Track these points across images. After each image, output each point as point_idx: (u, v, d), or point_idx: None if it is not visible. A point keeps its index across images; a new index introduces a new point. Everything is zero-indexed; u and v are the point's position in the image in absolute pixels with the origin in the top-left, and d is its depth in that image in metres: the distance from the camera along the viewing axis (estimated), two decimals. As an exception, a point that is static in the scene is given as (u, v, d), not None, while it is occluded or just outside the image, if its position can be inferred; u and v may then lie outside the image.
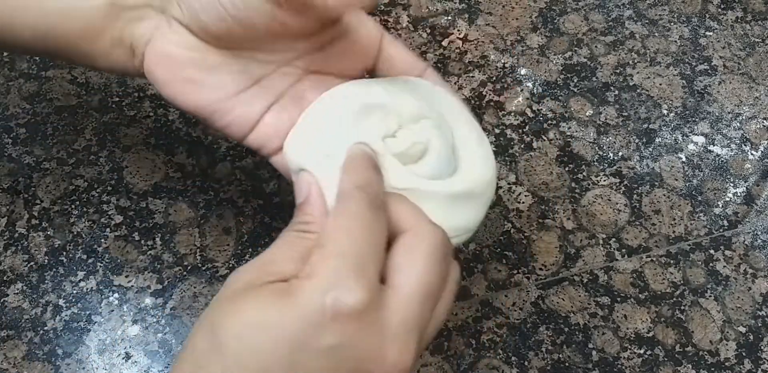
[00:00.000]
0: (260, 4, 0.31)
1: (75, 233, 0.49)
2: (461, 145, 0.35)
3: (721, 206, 0.53)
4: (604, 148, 0.54)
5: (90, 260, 0.48)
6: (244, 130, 0.35)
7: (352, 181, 0.30)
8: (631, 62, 0.58)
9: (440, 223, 0.31)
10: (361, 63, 0.36)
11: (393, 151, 0.32)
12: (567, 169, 0.53)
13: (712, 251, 0.51)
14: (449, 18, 0.60)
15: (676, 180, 0.53)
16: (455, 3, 0.60)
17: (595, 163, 0.54)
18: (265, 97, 0.35)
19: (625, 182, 0.53)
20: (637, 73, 0.58)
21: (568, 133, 0.55)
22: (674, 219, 0.52)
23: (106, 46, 0.34)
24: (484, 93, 0.56)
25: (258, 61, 0.34)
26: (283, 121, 0.35)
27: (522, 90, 0.56)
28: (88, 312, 0.47)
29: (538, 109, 0.56)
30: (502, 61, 0.58)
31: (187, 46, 0.33)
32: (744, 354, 0.47)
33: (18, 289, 0.47)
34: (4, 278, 0.48)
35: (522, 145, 0.54)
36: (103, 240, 0.49)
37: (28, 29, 0.33)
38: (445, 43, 0.58)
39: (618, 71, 0.58)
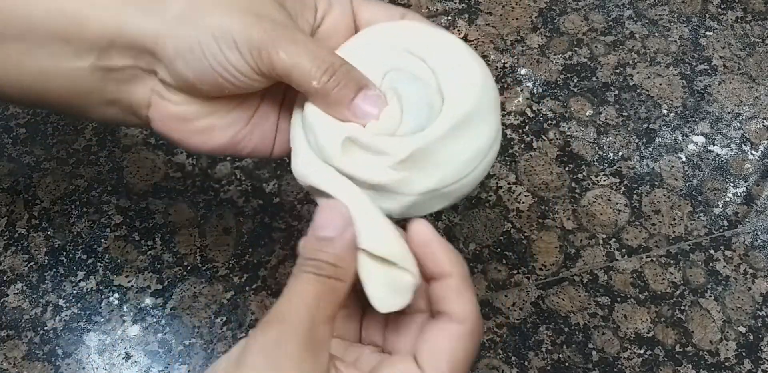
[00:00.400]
0: (254, 75, 0.31)
1: (75, 233, 0.49)
2: (441, 72, 0.33)
3: (721, 206, 0.53)
4: (604, 148, 0.54)
5: (90, 260, 0.48)
6: (268, 147, 0.35)
7: (473, 306, 0.29)
8: (631, 62, 0.58)
9: (449, 167, 0.30)
10: (345, 37, 0.35)
11: (375, 133, 0.31)
12: (567, 169, 0.53)
13: (712, 251, 0.51)
14: (449, 18, 0.60)
15: (676, 180, 0.53)
16: (455, 3, 0.60)
17: (595, 163, 0.54)
18: (272, 110, 0.35)
19: (625, 182, 0.53)
20: (637, 73, 0.58)
21: (568, 133, 0.55)
22: (674, 219, 0.52)
23: (98, 104, 0.33)
24: (484, 93, 0.56)
25: None
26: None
27: (522, 90, 0.56)
28: (88, 312, 0.47)
29: (538, 109, 0.56)
30: (502, 61, 0.58)
31: (189, 102, 0.33)
32: (744, 354, 0.47)
33: (18, 289, 0.47)
34: (4, 278, 0.48)
35: (522, 145, 0.54)
36: (103, 240, 0.49)
37: (12, 86, 0.33)
38: (445, 43, 0.58)
39: (618, 71, 0.58)
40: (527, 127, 0.55)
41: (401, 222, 0.31)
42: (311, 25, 0.34)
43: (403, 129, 0.31)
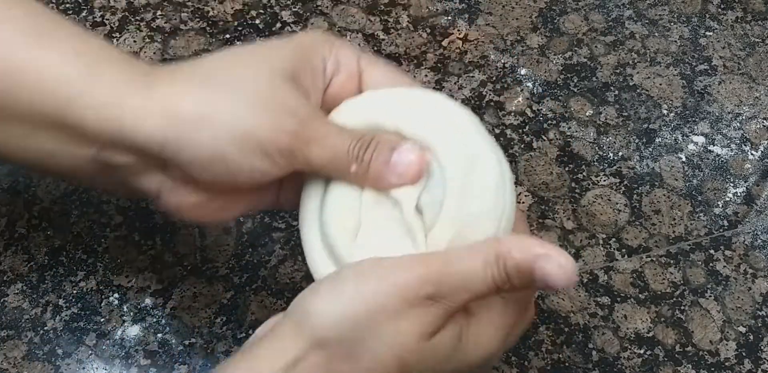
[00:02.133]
0: (283, 173, 0.30)
1: (75, 233, 0.49)
2: (452, 173, 0.32)
3: (721, 206, 0.53)
4: (604, 148, 0.54)
5: (90, 260, 0.48)
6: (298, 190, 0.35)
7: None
8: (631, 62, 0.58)
9: (481, 221, 0.31)
10: (348, 95, 0.34)
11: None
12: (567, 169, 0.53)
13: (712, 251, 0.51)
14: (449, 18, 0.60)
15: (676, 180, 0.53)
16: (455, 3, 0.60)
17: (595, 163, 0.54)
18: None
19: (625, 182, 0.53)
20: (637, 73, 0.58)
21: (568, 133, 0.55)
22: (674, 219, 0.52)
23: (105, 185, 0.32)
24: (484, 93, 0.56)
25: None
26: None
27: (522, 90, 0.56)
28: (88, 312, 0.47)
29: (538, 109, 0.56)
30: (502, 61, 0.58)
31: (204, 190, 0.31)
32: (744, 354, 0.47)
33: (18, 289, 0.47)
34: (4, 278, 0.48)
35: (522, 145, 0.54)
36: (103, 240, 0.49)
37: (18, 161, 0.32)
38: (445, 43, 0.58)
39: (618, 71, 0.58)
40: (527, 127, 0.55)
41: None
42: (321, 90, 0.33)
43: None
